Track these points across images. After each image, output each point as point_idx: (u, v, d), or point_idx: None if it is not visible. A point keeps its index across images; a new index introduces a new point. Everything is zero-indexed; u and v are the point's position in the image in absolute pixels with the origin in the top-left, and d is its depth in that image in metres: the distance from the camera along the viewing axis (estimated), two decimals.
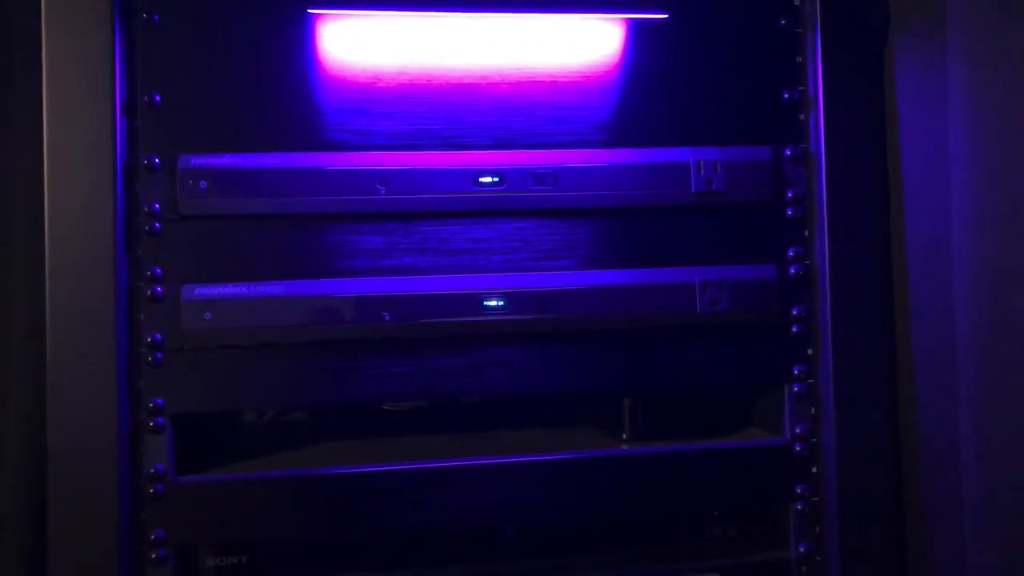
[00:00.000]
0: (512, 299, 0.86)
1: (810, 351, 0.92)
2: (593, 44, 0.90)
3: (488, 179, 0.87)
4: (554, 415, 1.03)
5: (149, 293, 0.83)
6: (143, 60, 0.83)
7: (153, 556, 0.82)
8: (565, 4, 0.88)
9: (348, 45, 0.87)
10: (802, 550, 0.91)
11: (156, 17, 0.83)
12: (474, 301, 0.86)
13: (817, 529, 0.91)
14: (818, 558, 0.91)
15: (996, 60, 0.81)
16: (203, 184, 0.83)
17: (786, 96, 0.92)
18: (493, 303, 0.86)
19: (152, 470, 0.83)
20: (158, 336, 0.83)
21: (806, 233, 0.92)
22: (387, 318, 0.85)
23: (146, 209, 0.83)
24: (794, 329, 0.92)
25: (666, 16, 0.88)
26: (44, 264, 0.81)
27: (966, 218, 0.84)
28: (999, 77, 0.81)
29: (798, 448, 0.91)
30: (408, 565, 0.89)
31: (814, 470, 0.91)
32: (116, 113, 0.81)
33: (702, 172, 0.89)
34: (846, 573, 0.90)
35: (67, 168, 0.80)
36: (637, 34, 0.90)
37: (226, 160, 0.83)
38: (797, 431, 0.91)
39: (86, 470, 0.80)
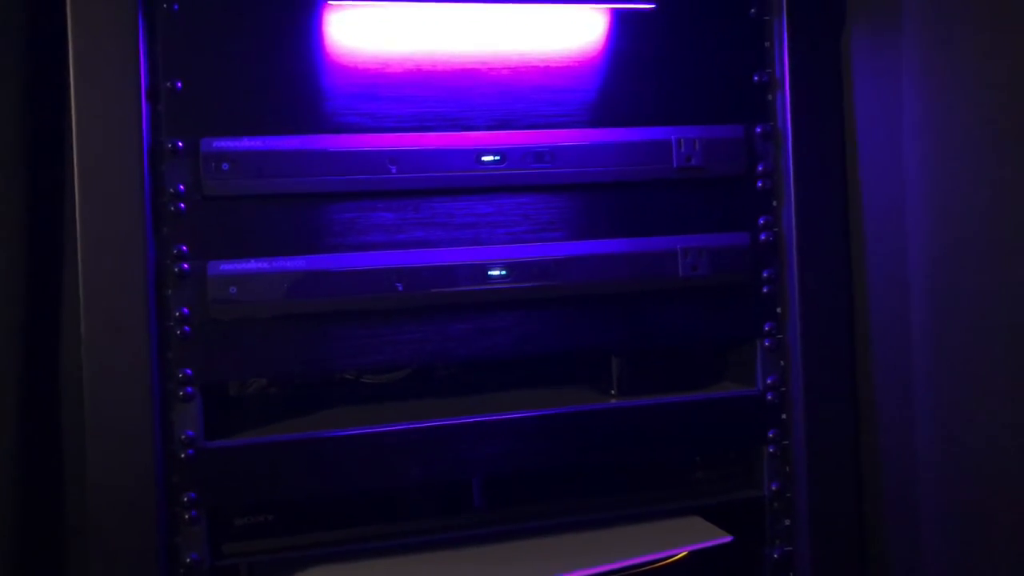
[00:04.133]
0: (514, 268, 0.94)
1: (779, 309, 1.01)
2: (584, 32, 0.97)
3: (490, 158, 0.93)
4: (551, 375, 1.10)
5: (176, 270, 0.87)
6: (165, 48, 0.87)
7: (187, 517, 0.87)
8: None
9: (359, 33, 0.92)
10: (774, 488, 1.01)
11: (176, 6, 0.87)
12: (480, 271, 0.93)
13: (787, 469, 1.01)
14: (788, 495, 1.01)
15: (946, 41, 0.89)
16: (225, 166, 0.87)
17: (756, 78, 1.00)
18: (497, 273, 0.93)
19: (183, 436, 0.88)
20: (186, 310, 0.88)
21: (774, 203, 1.01)
22: (400, 288, 0.91)
23: (171, 190, 0.87)
24: (764, 290, 1.01)
25: (653, 7, 0.95)
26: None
27: (918, 187, 0.93)
28: (949, 57, 0.89)
29: (769, 397, 1.01)
30: (419, 515, 0.96)
31: (784, 416, 1.01)
32: (141, 99, 0.85)
33: (683, 149, 0.97)
34: (813, 506, 1.00)
35: (97, 154, 0.84)
36: (624, 23, 0.97)
37: (246, 143, 0.88)
38: (768, 382, 1.01)
39: (122, 438, 0.85)
